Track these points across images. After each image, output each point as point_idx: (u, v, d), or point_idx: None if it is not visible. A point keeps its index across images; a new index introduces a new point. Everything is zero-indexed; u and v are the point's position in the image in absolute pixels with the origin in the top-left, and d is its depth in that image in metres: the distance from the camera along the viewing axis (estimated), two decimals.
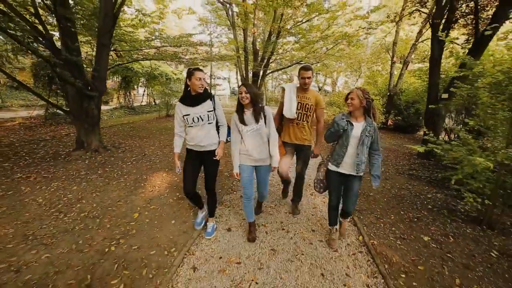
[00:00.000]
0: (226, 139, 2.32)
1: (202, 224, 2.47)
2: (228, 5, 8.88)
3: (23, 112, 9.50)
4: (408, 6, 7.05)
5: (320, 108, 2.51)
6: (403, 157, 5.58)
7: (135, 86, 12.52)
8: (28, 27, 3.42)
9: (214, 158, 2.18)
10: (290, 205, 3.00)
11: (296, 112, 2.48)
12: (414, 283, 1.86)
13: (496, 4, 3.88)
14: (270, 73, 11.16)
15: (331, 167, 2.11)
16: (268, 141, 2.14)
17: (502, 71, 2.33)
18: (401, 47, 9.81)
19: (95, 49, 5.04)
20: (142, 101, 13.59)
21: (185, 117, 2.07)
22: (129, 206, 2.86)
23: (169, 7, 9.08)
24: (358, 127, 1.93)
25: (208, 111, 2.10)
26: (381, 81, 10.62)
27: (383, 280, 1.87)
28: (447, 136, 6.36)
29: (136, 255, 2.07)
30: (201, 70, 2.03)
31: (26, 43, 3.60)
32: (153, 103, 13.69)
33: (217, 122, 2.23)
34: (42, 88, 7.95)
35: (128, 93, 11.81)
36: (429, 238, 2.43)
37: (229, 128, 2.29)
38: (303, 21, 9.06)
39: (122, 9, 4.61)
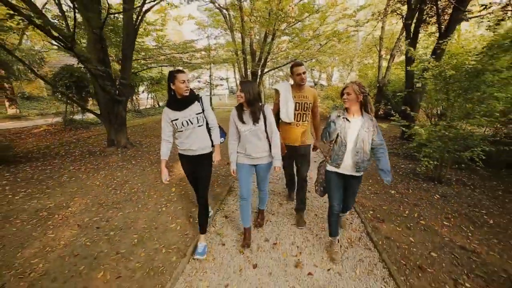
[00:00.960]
0: (220, 142, 2.25)
1: (205, 255, 2.10)
2: (225, 10, 9.72)
3: (39, 120, 10.34)
4: (390, 5, 7.91)
5: (316, 104, 2.49)
6: (387, 140, 6.47)
7: (141, 90, 13.35)
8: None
9: (212, 162, 2.15)
10: (294, 215, 2.75)
11: (295, 113, 2.37)
12: (378, 215, 2.75)
13: (452, 7, 4.75)
14: (267, 72, 12.01)
15: (330, 168, 2.00)
16: (269, 141, 2.06)
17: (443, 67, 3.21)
18: (388, 41, 10.67)
19: (120, 61, 5.89)
20: (146, 104, 14.44)
21: (173, 122, 1.98)
22: (166, 184, 3.75)
23: (169, 14, 9.93)
24: (355, 123, 1.84)
25: (197, 114, 2.00)
26: (371, 73, 11.50)
27: (357, 215, 2.76)
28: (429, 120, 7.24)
29: (182, 212, 2.95)
30: (183, 72, 1.93)
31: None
32: (157, 106, 14.56)
33: (207, 124, 2.13)
34: (60, 97, 8.81)
35: (134, 97, 12.64)
36: (395, 192, 3.33)
37: (221, 129, 2.27)
38: (296, 22, 9.91)
39: (141, 25, 5.47)
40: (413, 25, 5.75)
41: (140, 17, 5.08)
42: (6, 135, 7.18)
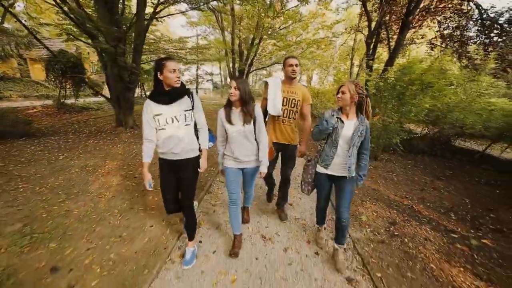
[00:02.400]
0: (208, 146, 2.04)
1: (193, 263, 2.00)
2: (218, 12, 10.81)
3: (26, 102, 10.57)
4: (360, 23, 9.64)
5: (307, 103, 2.37)
6: None
7: None
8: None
9: (193, 165, 1.90)
10: (275, 210, 2.83)
11: (282, 109, 2.30)
12: None
13: (397, 31, 6.45)
14: (253, 70, 13.30)
15: (320, 168, 1.99)
16: (257, 143, 1.97)
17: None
18: (358, 52, 12.55)
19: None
20: (135, 93, 14.97)
21: (156, 118, 1.73)
22: None
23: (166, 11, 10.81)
24: (349, 125, 1.80)
25: (186, 111, 1.78)
26: (344, 78, 13.34)
27: None
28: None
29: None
30: (172, 59, 1.69)
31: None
32: (144, 95, 15.15)
33: (195, 125, 1.92)
34: (53, 80, 9.24)
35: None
36: None
37: (210, 132, 2.11)
38: (281, 27, 11.33)
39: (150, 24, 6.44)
40: (372, 43, 7.43)
41: (150, 20, 6.07)
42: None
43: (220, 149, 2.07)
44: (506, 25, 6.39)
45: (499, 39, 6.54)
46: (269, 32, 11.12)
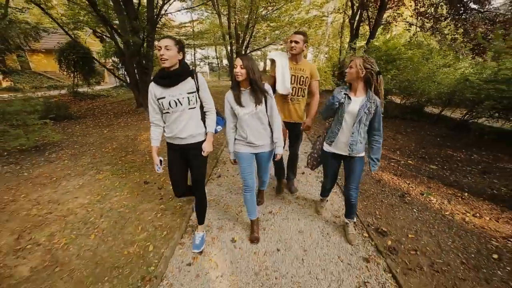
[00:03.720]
0: (215, 130, 1.93)
1: (203, 247, 2.02)
2: None
3: (39, 93, 11.53)
4: (346, 4, 10.52)
5: (315, 79, 2.35)
6: None
7: None
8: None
9: (202, 154, 1.81)
10: (285, 184, 2.90)
11: (290, 87, 2.28)
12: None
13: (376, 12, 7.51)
14: (250, 52, 14.15)
15: (325, 146, 1.99)
16: (269, 125, 1.91)
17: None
18: (348, 30, 13.43)
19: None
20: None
21: (159, 101, 1.68)
22: None
23: None
24: (356, 102, 1.75)
25: (189, 93, 1.70)
26: (335, 56, 14.32)
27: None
28: None
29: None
30: (162, 38, 1.59)
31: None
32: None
33: (202, 107, 1.84)
34: (66, 70, 10.19)
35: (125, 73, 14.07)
36: None
37: (219, 114, 2.02)
38: (274, 9, 12.12)
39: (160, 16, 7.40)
40: (355, 23, 8.46)
41: (159, 13, 7.04)
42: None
43: (231, 136, 1.97)
44: (470, 3, 7.48)
45: (464, 16, 7.65)
46: (263, 13, 11.93)
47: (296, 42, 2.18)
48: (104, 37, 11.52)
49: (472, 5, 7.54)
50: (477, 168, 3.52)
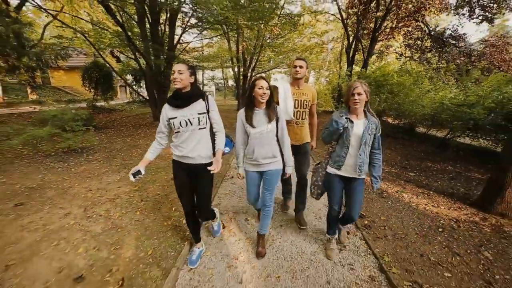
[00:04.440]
0: (223, 151, 1.91)
1: (198, 263, 2.06)
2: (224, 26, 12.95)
3: (61, 105, 12.60)
4: (343, 34, 11.82)
5: (314, 103, 2.50)
6: None
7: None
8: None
9: (210, 171, 1.71)
10: (293, 217, 2.79)
11: (294, 111, 2.39)
12: None
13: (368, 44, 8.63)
14: (256, 74, 15.44)
15: (331, 170, 1.99)
16: (278, 144, 2.00)
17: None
18: (345, 58, 14.75)
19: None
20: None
21: (171, 121, 1.76)
22: None
23: None
24: (359, 124, 1.83)
25: (199, 114, 1.77)
26: (335, 80, 15.53)
27: None
28: None
29: None
30: (177, 63, 1.75)
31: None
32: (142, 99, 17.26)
33: (212, 129, 1.88)
34: (88, 86, 11.30)
35: (138, 89, 15.26)
36: None
37: (228, 137, 2.07)
38: (279, 36, 13.50)
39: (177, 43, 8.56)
40: (351, 52, 9.59)
41: (178, 40, 8.20)
42: None
43: (240, 152, 2.07)
44: (449, 39, 8.61)
45: (445, 49, 8.76)
46: (268, 41, 13.29)
47: (301, 67, 2.34)
48: (120, 57, 12.85)
49: (451, 41, 8.67)
50: (447, 176, 4.22)
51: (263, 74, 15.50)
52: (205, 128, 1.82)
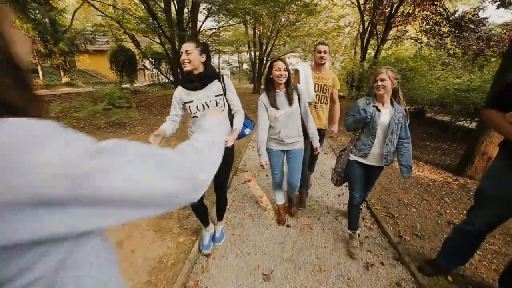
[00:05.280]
0: (244, 133, 1.89)
1: (211, 247, 2.06)
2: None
3: (89, 87, 13.80)
4: (358, 20, 11.94)
5: (336, 88, 2.53)
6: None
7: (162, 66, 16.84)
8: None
9: (226, 146, 1.59)
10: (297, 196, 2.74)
11: (314, 94, 2.42)
12: None
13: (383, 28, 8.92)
14: (271, 59, 15.90)
15: (355, 157, 1.96)
16: (302, 122, 2.06)
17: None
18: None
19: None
20: (163, 79, 18.01)
21: (186, 105, 1.69)
22: None
23: None
24: (385, 113, 1.80)
25: (216, 96, 1.69)
26: (350, 65, 15.70)
27: None
28: None
29: None
30: (186, 42, 1.58)
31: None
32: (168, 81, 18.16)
33: (230, 110, 1.81)
34: (115, 70, 12.31)
35: (159, 72, 16.19)
36: None
37: (248, 118, 1.94)
38: (295, 22, 13.76)
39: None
40: (366, 37, 9.87)
41: (201, 26, 8.86)
42: None
43: (263, 138, 2.03)
44: (468, 24, 8.72)
45: (463, 34, 8.89)
46: (285, 25, 13.61)
47: (325, 52, 2.36)
48: (139, 42, 13.70)
49: (471, 25, 8.78)
50: (440, 152, 4.84)
51: (286, 58, 15.96)
52: (223, 110, 1.73)
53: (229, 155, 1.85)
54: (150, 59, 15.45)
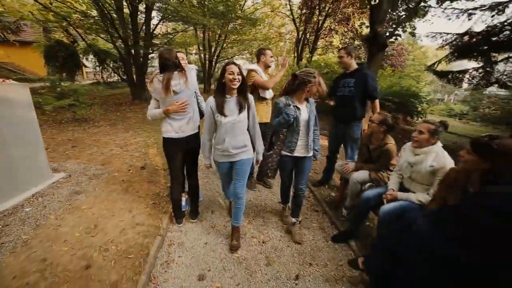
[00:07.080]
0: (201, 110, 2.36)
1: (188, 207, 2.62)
2: None
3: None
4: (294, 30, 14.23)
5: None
6: None
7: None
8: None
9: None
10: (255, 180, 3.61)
11: None
12: None
13: (313, 39, 11.14)
14: (220, 60, 17.08)
15: (285, 153, 2.20)
16: (249, 133, 2.06)
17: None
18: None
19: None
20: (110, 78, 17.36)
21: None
22: None
23: None
24: (304, 110, 2.08)
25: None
26: (290, 68, 18.11)
27: None
28: None
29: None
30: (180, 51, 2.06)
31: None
32: (120, 79, 17.64)
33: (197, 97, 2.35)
34: (53, 66, 11.62)
35: (103, 70, 15.62)
36: None
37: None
38: (241, 28, 15.27)
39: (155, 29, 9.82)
40: (300, 46, 12.04)
41: (154, 28, 9.54)
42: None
43: (207, 143, 2.08)
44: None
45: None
46: (231, 31, 14.99)
47: (271, 56, 2.97)
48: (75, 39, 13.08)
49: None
50: None
51: (234, 60, 17.23)
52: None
53: (198, 142, 2.25)
54: (93, 56, 14.82)
